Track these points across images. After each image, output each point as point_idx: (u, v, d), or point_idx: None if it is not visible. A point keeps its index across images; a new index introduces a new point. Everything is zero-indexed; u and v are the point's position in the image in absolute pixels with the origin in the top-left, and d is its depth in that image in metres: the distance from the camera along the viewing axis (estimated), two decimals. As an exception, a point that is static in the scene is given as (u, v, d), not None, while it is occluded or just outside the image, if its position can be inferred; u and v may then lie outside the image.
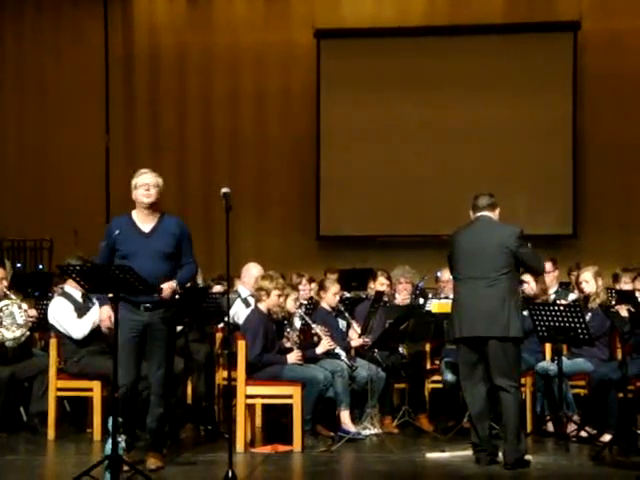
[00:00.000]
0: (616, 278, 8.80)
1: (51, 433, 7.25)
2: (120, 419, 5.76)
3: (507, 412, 6.20)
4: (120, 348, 5.88)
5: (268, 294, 7.20)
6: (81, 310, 7.32)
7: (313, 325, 7.59)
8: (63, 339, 7.30)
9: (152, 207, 6.10)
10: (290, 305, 7.44)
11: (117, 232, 6.05)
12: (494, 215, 6.51)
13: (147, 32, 14.27)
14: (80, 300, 7.39)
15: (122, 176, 13.92)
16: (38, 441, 7.24)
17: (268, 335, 7.10)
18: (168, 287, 5.98)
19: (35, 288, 9.74)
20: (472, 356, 6.32)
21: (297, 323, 7.69)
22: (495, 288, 6.22)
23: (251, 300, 7.77)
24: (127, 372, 5.97)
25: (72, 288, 7.37)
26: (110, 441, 5.58)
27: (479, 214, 6.49)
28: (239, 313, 7.82)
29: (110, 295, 5.84)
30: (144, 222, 6.11)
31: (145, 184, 6.06)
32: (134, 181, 6.11)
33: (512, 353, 6.25)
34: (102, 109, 14.16)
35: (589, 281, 7.58)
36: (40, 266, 13.44)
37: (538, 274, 7.16)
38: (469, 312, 6.27)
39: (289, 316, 7.51)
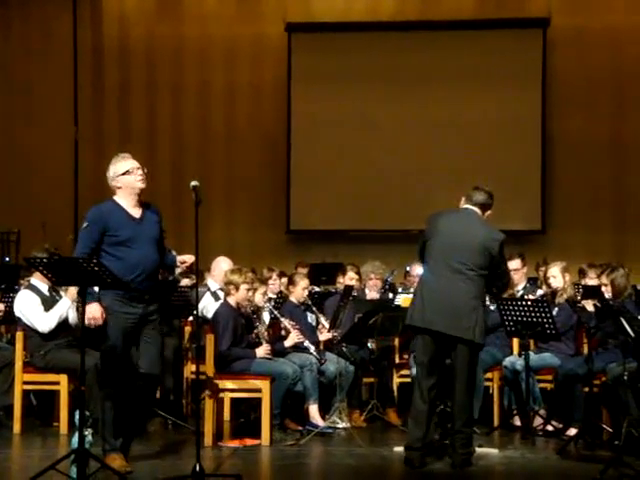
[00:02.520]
0: (582, 273, 8.89)
1: (17, 427, 7.19)
2: (87, 412, 5.72)
3: (460, 415, 6.08)
4: (113, 342, 5.76)
5: (237, 288, 7.18)
6: (48, 303, 7.26)
7: (282, 319, 7.59)
8: (29, 332, 7.23)
9: (140, 194, 5.91)
10: (258, 299, 7.43)
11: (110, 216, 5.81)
12: (482, 215, 6.22)
13: (116, 23, 14.16)
14: (47, 293, 7.32)
15: (91, 168, 13.86)
16: (4, 435, 7.18)
17: (237, 329, 7.08)
18: (191, 257, 6.01)
19: (1, 281, 9.60)
20: (431, 348, 6.06)
21: (266, 317, 7.69)
22: (469, 285, 5.99)
23: (220, 294, 7.75)
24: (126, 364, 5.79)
25: (38, 281, 7.30)
26: (77, 435, 5.54)
27: (467, 206, 6.21)
28: (208, 307, 7.80)
29: (92, 289, 5.68)
30: (132, 208, 5.89)
31: (139, 167, 5.87)
32: (124, 167, 5.84)
33: (476, 359, 6.18)
34: (71, 101, 14.04)
35: (557, 276, 7.65)
36: (7, 258, 13.28)
37: (500, 292, 6.85)
38: (436, 303, 6.00)
39: (257, 310, 7.50)
